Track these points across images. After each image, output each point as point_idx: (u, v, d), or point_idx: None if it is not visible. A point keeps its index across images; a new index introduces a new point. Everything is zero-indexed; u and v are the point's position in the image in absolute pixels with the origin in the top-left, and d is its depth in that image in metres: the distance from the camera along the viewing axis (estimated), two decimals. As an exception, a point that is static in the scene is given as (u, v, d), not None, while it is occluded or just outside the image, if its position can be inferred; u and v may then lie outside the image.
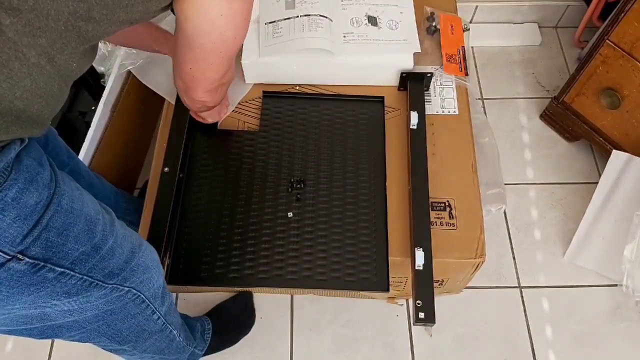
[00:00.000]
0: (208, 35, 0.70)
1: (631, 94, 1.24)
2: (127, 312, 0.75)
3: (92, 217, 0.63)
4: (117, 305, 0.72)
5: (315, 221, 1.01)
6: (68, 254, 0.59)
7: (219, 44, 0.72)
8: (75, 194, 0.62)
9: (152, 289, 0.77)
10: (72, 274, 0.61)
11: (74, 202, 0.60)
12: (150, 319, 0.81)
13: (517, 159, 1.51)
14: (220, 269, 0.97)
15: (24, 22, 0.50)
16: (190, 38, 0.70)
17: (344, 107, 1.14)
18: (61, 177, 0.61)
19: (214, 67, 0.77)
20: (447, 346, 1.23)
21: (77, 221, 0.60)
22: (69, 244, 0.59)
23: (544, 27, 1.75)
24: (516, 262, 1.35)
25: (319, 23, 1.07)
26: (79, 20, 0.54)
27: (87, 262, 0.62)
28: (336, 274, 0.96)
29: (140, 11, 0.60)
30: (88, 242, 0.62)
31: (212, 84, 0.81)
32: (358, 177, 1.05)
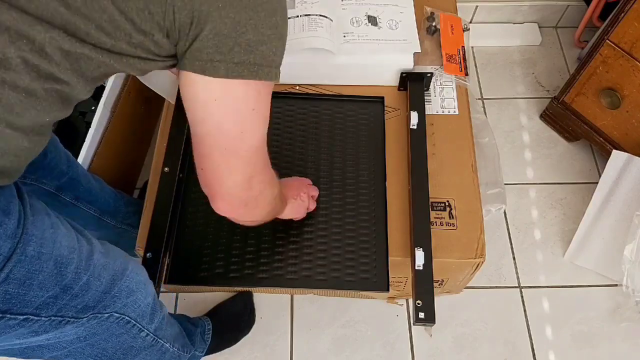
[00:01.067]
0: (203, 125, 0.59)
1: (631, 94, 1.24)
2: (111, 333, 0.72)
3: (64, 257, 0.60)
4: (99, 328, 0.70)
5: (315, 221, 1.01)
6: (31, 302, 0.57)
7: (219, 137, 0.60)
8: (47, 235, 0.58)
9: (138, 310, 0.74)
10: (37, 318, 0.59)
11: (44, 245, 0.57)
12: (137, 337, 0.78)
13: (517, 159, 1.51)
14: (219, 268, 0.97)
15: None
16: (192, 127, 0.61)
17: (344, 108, 1.14)
18: (33, 217, 0.57)
19: (224, 170, 0.62)
20: (447, 346, 1.23)
21: (44, 266, 0.57)
22: (32, 292, 0.56)
23: (544, 27, 1.75)
24: (516, 262, 1.35)
25: (319, 23, 1.07)
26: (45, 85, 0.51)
27: (54, 305, 0.60)
28: (336, 274, 0.96)
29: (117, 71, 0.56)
30: (56, 285, 0.59)
31: (230, 194, 0.65)
32: (358, 177, 1.05)
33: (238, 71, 0.55)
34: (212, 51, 0.54)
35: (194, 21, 0.53)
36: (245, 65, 0.55)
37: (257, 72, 0.56)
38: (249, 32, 0.54)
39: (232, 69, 0.55)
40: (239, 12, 0.53)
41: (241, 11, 0.53)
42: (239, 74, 0.55)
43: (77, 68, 0.53)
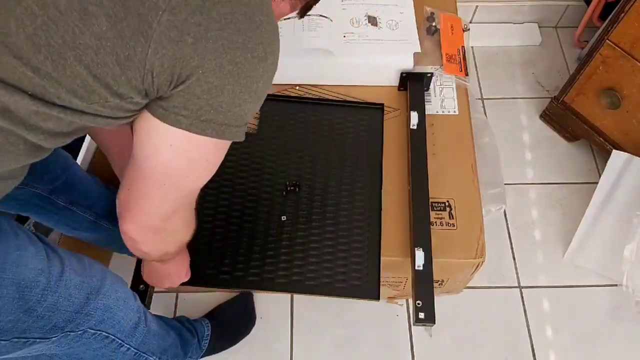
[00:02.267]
0: (150, 159, 0.56)
1: (631, 94, 1.24)
2: (88, 347, 0.71)
3: (29, 281, 0.58)
4: (73, 343, 0.69)
5: (308, 225, 1.00)
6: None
7: (161, 173, 0.57)
8: (11, 259, 0.57)
9: (117, 325, 0.73)
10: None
11: (5, 270, 0.56)
12: (117, 351, 0.77)
13: (517, 159, 1.51)
14: (211, 269, 0.97)
15: None
16: (135, 154, 0.57)
17: (342, 113, 1.13)
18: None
19: (152, 199, 0.59)
20: (447, 346, 1.23)
21: (3, 292, 0.56)
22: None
23: (544, 27, 1.75)
24: (516, 262, 1.35)
25: (319, 23, 1.07)
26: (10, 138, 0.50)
27: (16, 328, 0.59)
28: (327, 280, 0.96)
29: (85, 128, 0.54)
30: (18, 310, 0.58)
31: (148, 218, 0.62)
32: (353, 183, 1.05)
33: (202, 128, 0.52)
34: (180, 106, 0.51)
35: (172, 82, 0.50)
36: (211, 124, 0.52)
37: (224, 132, 0.54)
38: (225, 95, 0.52)
39: (197, 124, 0.52)
40: (219, 78, 0.50)
41: (222, 77, 0.50)
42: (202, 131, 0.53)
43: (45, 126, 0.51)
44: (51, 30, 0.46)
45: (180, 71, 0.50)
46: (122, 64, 0.48)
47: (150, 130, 0.54)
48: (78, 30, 0.46)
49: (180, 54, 0.48)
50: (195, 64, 0.49)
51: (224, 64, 0.50)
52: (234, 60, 0.50)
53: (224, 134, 0.54)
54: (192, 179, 0.60)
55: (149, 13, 0.47)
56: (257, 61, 0.52)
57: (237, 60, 0.50)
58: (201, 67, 0.49)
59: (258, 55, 0.52)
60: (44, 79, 0.47)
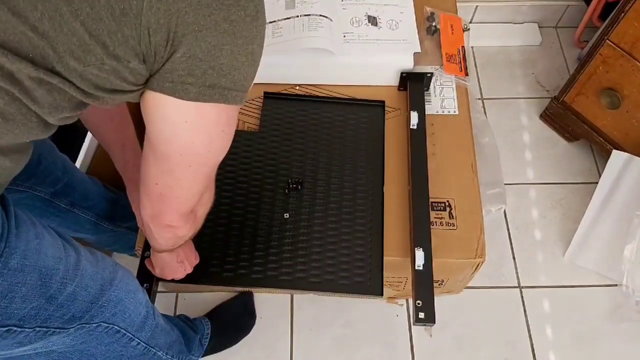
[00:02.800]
0: (171, 144, 0.58)
1: (631, 94, 1.24)
2: (100, 341, 0.72)
3: (49, 268, 0.59)
4: (87, 337, 0.69)
5: (310, 223, 1.01)
6: (14, 314, 0.57)
7: (186, 155, 0.59)
8: (32, 246, 0.58)
9: (128, 319, 0.74)
10: (21, 329, 0.58)
11: (27, 257, 0.57)
12: (127, 346, 0.78)
13: (517, 159, 1.51)
14: (214, 267, 0.97)
15: None
16: (155, 146, 0.59)
17: (344, 111, 1.14)
18: (17, 229, 0.57)
19: (184, 184, 0.62)
20: (447, 346, 1.23)
21: (27, 278, 0.57)
22: (15, 304, 0.56)
23: (544, 27, 1.75)
24: (516, 262, 1.35)
25: (319, 23, 1.07)
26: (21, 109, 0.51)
27: (39, 315, 0.59)
28: (330, 277, 0.96)
29: None
30: (40, 297, 0.59)
31: (185, 204, 0.65)
32: (355, 180, 1.05)
33: (210, 94, 0.54)
34: (184, 73, 0.52)
35: (169, 42, 0.50)
36: (217, 89, 0.54)
37: (227, 96, 0.55)
38: (224, 56, 0.52)
39: (204, 92, 0.53)
40: (216, 37, 0.51)
41: (218, 36, 0.51)
42: (210, 97, 0.54)
43: (50, 99, 0.51)
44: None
45: (176, 29, 0.49)
46: (118, 19, 0.48)
47: (165, 111, 0.55)
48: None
49: (175, 8, 0.48)
50: (190, 20, 0.49)
51: (219, 21, 0.50)
52: (228, 17, 0.51)
53: (229, 98, 0.55)
54: (213, 152, 0.61)
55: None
56: (250, 20, 0.53)
57: (231, 18, 0.51)
58: (196, 24, 0.50)
59: (250, 13, 0.52)
60: (43, 38, 0.47)
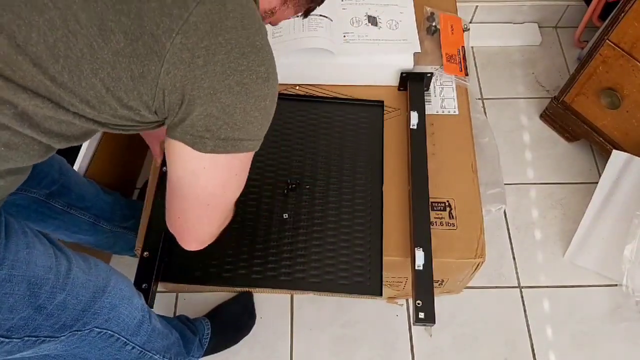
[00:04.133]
0: (190, 187, 0.63)
1: (631, 94, 1.24)
2: (94, 346, 0.72)
3: (39, 278, 0.60)
4: (80, 343, 0.69)
5: (310, 223, 1.01)
6: (1, 325, 0.57)
7: (204, 197, 0.65)
8: (21, 257, 0.58)
9: (122, 324, 0.74)
10: (8, 340, 0.59)
11: (16, 268, 0.57)
12: (122, 350, 0.78)
13: (517, 159, 1.51)
14: (214, 268, 0.97)
15: None
16: (175, 186, 0.64)
17: (343, 111, 1.13)
18: (7, 239, 0.57)
19: (203, 219, 0.69)
20: (447, 346, 1.23)
21: (15, 289, 0.57)
22: (2, 315, 0.56)
23: (544, 27, 1.75)
24: (516, 262, 1.35)
25: (319, 23, 1.07)
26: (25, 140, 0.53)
27: (27, 326, 0.60)
28: (329, 277, 0.96)
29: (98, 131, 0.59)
30: (29, 307, 0.59)
31: (205, 234, 0.72)
32: (354, 180, 1.05)
33: (224, 147, 0.58)
34: (202, 129, 0.56)
35: (184, 103, 0.54)
36: (231, 141, 0.58)
37: (240, 146, 0.60)
38: (238, 114, 0.56)
39: (219, 144, 0.58)
40: (229, 98, 0.55)
41: (232, 97, 0.55)
42: (224, 149, 0.59)
43: (58, 129, 0.55)
44: (71, 42, 0.49)
45: (192, 92, 0.54)
46: (136, 79, 0.52)
47: (185, 159, 0.60)
48: (96, 45, 0.50)
49: (191, 75, 0.52)
50: (206, 85, 0.53)
51: (232, 85, 0.54)
52: (241, 81, 0.55)
53: (242, 147, 0.60)
54: (229, 193, 0.67)
55: (163, 34, 0.51)
56: (262, 82, 0.57)
57: (244, 82, 0.55)
58: (211, 88, 0.54)
59: (261, 76, 0.56)
60: (60, 87, 0.51)
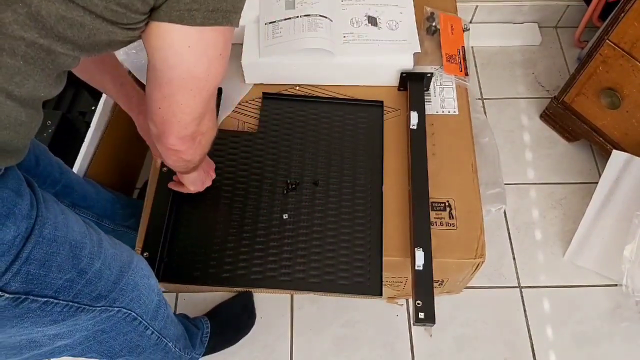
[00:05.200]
0: (174, 69, 0.62)
1: (631, 94, 1.24)
2: (119, 330, 0.74)
3: (78, 242, 0.62)
4: (108, 324, 0.71)
5: (310, 223, 1.01)
6: (51, 284, 0.58)
7: (188, 80, 0.64)
8: (60, 220, 0.60)
9: (143, 306, 0.76)
10: (57, 301, 0.60)
11: (58, 229, 0.59)
12: (143, 335, 0.79)
13: (517, 159, 1.51)
14: (213, 268, 0.97)
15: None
16: (158, 72, 0.63)
17: (343, 111, 1.14)
18: (44, 202, 0.59)
19: (184, 108, 0.67)
20: (447, 346, 1.23)
21: (60, 249, 0.59)
22: (52, 274, 0.58)
23: (544, 27, 1.75)
24: (516, 262, 1.35)
25: (319, 23, 1.07)
26: (40, 52, 0.52)
27: (72, 289, 0.61)
28: (329, 277, 0.96)
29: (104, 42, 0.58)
30: (73, 269, 0.60)
31: (185, 128, 0.70)
32: (354, 180, 1.05)
33: (214, 18, 0.58)
34: (190, 1, 0.56)
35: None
36: (219, 12, 0.58)
37: (228, 18, 0.60)
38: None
39: (208, 16, 0.58)
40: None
41: None
42: (215, 21, 0.58)
43: (71, 34, 0.54)
44: None
45: None
46: None
47: (170, 39, 0.59)
48: None
49: None
50: None
51: None
52: None
53: (229, 19, 0.60)
54: (211, 76, 0.65)
55: None
56: None
57: None
58: None
59: None
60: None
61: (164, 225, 0.96)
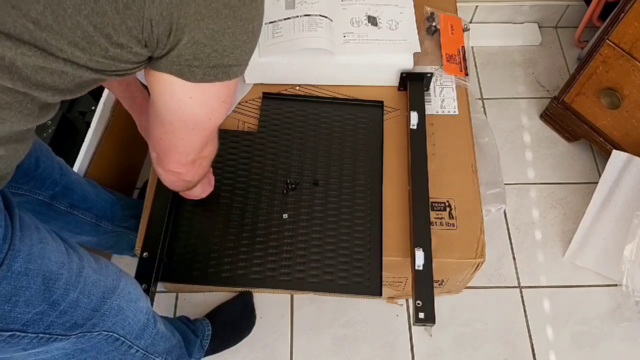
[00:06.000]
0: (176, 114, 0.62)
1: (631, 94, 1.24)
2: (99, 350, 0.72)
3: (53, 273, 0.60)
4: (87, 345, 0.70)
5: (309, 223, 1.01)
6: (17, 318, 0.57)
7: (189, 122, 0.64)
8: (35, 251, 0.58)
9: (127, 327, 0.74)
10: (25, 334, 0.58)
11: (31, 261, 0.57)
12: (127, 353, 0.78)
13: (517, 159, 1.51)
14: (213, 268, 0.97)
15: None
16: (159, 113, 0.63)
17: (343, 111, 1.14)
18: (20, 232, 0.57)
19: (186, 142, 0.68)
20: (447, 346, 1.23)
21: (31, 283, 0.57)
22: (19, 309, 0.56)
23: (544, 27, 1.75)
24: (516, 262, 1.35)
25: (319, 23, 1.07)
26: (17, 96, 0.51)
27: (42, 321, 0.60)
28: (329, 277, 0.96)
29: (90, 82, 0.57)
30: (44, 302, 0.59)
31: (186, 157, 0.71)
32: (354, 180, 1.05)
33: (214, 74, 0.57)
34: (190, 58, 0.55)
35: (172, 32, 0.52)
36: (220, 68, 0.57)
37: (229, 72, 0.59)
38: (226, 39, 0.55)
39: (208, 72, 0.57)
40: (217, 23, 0.53)
41: (219, 22, 0.53)
42: (214, 77, 0.57)
43: (51, 82, 0.52)
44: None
45: (179, 20, 0.51)
46: (121, 12, 0.49)
47: (172, 89, 0.59)
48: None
49: (177, 1, 0.50)
50: (192, 11, 0.51)
51: (219, 8, 0.52)
52: (228, 3, 0.53)
53: (231, 74, 0.59)
54: (214, 119, 0.66)
55: None
56: (249, 2, 0.55)
57: (231, 4, 0.53)
58: (198, 14, 0.52)
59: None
60: (45, 31, 0.47)
61: (164, 225, 0.96)
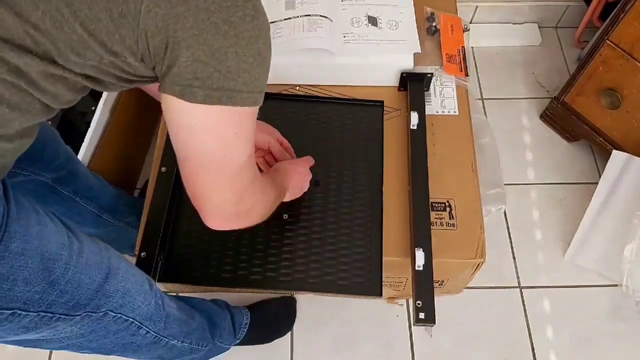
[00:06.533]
0: (187, 146, 0.58)
1: (631, 94, 1.24)
2: (109, 330, 0.72)
3: (52, 253, 0.60)
4: (95, 326, 0.69)
5: (310, 224, 1.00)
6: (17, 297, 0.57)
7: (202, 159, 0.59)
8: (33, 232, 0.58)
9: (136, 310, 0.74)
10: (25, 313, 0.59)
11: (28, 242, 0.57)
12: (137, 334, 0.78)
13: (518, 159, 1.51)
14: (213, 268, 0.97)
15: None
16: (176, 148, 0.60)
17: (343, 111, 1.13)
18: (17, 215, 0.57)
19: (210, 188, 0.62)
20: (447, 346, 1.23)
21: (28, 262, 0.57)
22: (18, 287, 0.57)
23: (544, 27, 1.75)
24: (516, 262, 1.35)
25: (319, 23, 1.07)
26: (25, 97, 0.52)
27: (43, 300, 0.60)
28: (329, 277, 0.96)
29: None
30: (42, 281, 0.59)
31: (220, 209, 0.64)
32: (354, 180, 1.05)
33: (216, 97, 0.53)
34: (190, 77, 0.52)
35: (168, 47, 0.51)
36: (224, 92, 0.53)
37: (236, 98, 0.54)
38: (229, 59, 0.52)
39: (211, 94, 0.53)
40: (218, 40, 0.51)
41: (219, 38, 0.51)
42: (218, 100, 0.54)
43: (54, 90, 0.53)
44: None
45: (175, 34, 0.50)
46: (116, 20, 0.49)
47: (177, 114, 0.56)
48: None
49: (173, 13, 0.49)
50: (189, 25, 0.49)
51: (219, 23, 0.50)
52: (227, 19, 0.50)
53: (238, 100, 0.55)
54: (229, 156, 0.60)
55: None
56: (250, 19, 0.52)
57: (231, 20, 0.51)
58: (196, 28, 0.50)
59: (249, 13, 0.52)
60: (44, 36, 0.49)
61: (163, 225, 0.96)
